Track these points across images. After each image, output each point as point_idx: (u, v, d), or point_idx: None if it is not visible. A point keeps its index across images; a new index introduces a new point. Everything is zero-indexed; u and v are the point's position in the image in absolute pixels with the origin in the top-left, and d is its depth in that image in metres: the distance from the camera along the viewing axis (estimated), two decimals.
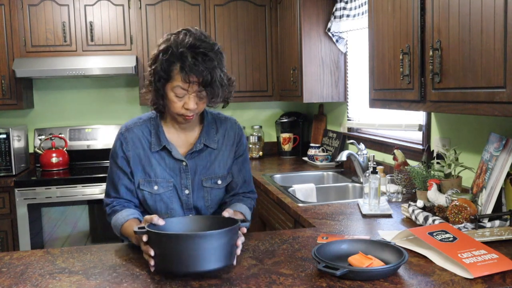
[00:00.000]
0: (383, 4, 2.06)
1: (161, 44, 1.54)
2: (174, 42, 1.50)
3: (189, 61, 1.46)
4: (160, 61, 1.51)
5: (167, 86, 1.53)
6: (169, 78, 1.51)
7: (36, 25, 3.54)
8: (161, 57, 1.50)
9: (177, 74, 1.49)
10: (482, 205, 1.66)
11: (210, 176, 1.70)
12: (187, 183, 1.68)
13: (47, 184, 3.33)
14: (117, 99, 4.06)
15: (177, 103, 1.54)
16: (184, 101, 1.54)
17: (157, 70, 1.52)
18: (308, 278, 1.31)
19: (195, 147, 1.67)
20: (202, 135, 1.68)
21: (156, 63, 1.53)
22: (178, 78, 1.50)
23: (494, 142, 1.69)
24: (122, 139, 1.68)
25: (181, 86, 1.50)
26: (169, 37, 1.53)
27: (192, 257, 1.29)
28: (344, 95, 3.39)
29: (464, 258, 1.34)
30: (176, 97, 1.53)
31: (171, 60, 1.49)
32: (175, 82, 1.50)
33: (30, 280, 1.34)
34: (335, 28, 3.24)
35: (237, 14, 3.82)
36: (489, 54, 1.40)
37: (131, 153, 1.66)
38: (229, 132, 1.74)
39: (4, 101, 3.52)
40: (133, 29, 3.67)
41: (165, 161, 1.67)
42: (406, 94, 1.89)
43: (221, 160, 1.72)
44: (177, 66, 1.48)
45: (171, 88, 1.52)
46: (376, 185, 2.10)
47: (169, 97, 1.54)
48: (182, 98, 1.53)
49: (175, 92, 1.52)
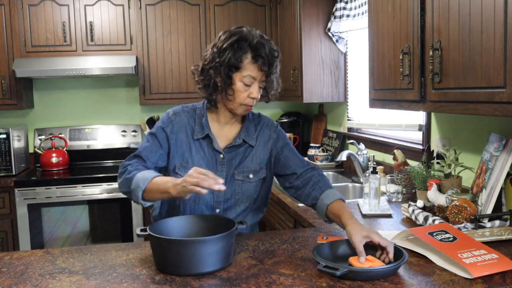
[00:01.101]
0: (383, 4, 2.06)
1: (229, 37, 1.60)
2: (246, 35, 1.59)
3: (266, 51, 1.58)
4: (232, 51, 1.57)
5: (236, 75, 1.59)
6: (239, 68, 1.58)
7: (36, 25, 3.54)
8: (235, 46, 1.57)
9: (249, 63, 1.58)
10: (482, 205, 1.66)
11: (242, 169, 1.72)
12: (222, 175, 1.69)
13: (47, 184, 3.33)
14: (117, 99, 4.06)
15: (244, 93, 1.61)
16: (249, 91, 1.62)
17: (227, 59, 1.57)
18: (308, 278, 1.31)
19: (234, 142, 1.71)
20: (242, 131, 1.73)
21: (225, 53, 1.58)
22: (249, 67, 1.58)
23: (494, 142, 1.69)
24: (169, 122, 1.71)
25: (252, 75, 1.59)
26: (236, 31, 1.61)
27: (192, 260, 1.33)
28: (344, 95, 3.39)
29: (464, 258, 1.34)
30: (244, 86, 1.60)
31: (245, 50, 1.58)
32: (245, 71, 1.59)
33: (30, 280, 1.34)
34: (335, 28, 3.24)
35: (237, 14, 3.82)
36: (489, 54, 1.40)
37: (175, 136, 1.69)
38: (264, 129, 1.78)
39: (4, 101, 3.52)
40: (133, 29, 3.67)
41: (204, 151, 1.70)
42: (406, 94, 1.89)
43: (255, 155, 1.74)
44: (249, 56, 1.58)
45: (241, 78, 1.59)
46: (376, 185, 2.10)
47: (237, 87, 1.60)
48: (249, 87, 1.61)
49: (244, 81, 1.60)
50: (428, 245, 1.46)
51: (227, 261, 1.40)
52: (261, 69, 1.59)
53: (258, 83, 1.62)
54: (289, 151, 1.78)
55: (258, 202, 1.79)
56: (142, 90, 3.74)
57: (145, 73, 3.72)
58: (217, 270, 1.36)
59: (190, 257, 1.32)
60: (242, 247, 1.59)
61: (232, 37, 1.59)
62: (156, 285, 1.29)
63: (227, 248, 1.38)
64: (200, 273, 1.34)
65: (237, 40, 1.58)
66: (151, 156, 1.68)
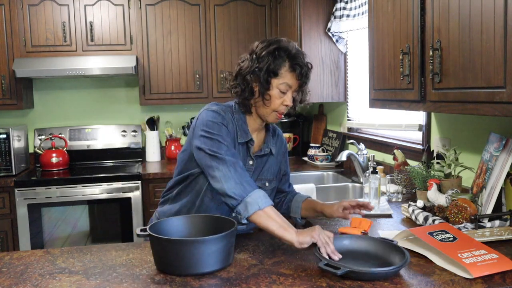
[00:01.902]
0: (383, 4, 2.06)
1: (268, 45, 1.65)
2: (286, 45, 1.65)
3: (303, 61, 1.64)
4: (272, 58, 1.63)
5: (274, 81, 1.64)
6: (277, 74, 1.63)
7: (36, 25, 3.54)
8: (275, 54, 1.63)
9: (286, 71, 1.63)
10: (482, 205, 1.66)
11: (261, 177, 1.77)
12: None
13: (47, 184, 3.33)
14: (117, 99, 4.06)
15: (278, 100, 1.65)
16: (283, 98, 1.66)
17: (266, 65, 1.62)
18: (308, 278, 1.31)
19: (263, 150, 1.76)
20: (268, 139, 1.79)
21: (264, 60, 1.63)
22: (286, 75, 1.64)
23: (494, 142, 1.69)
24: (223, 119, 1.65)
25: (288, 83, 1.64)
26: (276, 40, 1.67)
27: (192, 260, 1.33)
28: (344, 95, 3.39)
29: (464, 258, 1.34)
30: (280, 93, 1.65)
31: (283, 58, 1.63)
32: (282, 79, 1.64)
33: (30, 280, 1.34)
34: (335, 28, 3.24)
35: (237, 14, 3.82)
36: (489, 54, 1.40)
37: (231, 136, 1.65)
38: (279, 141, 1.86)
39: (4, 101, 3.52)
40: (133, 29, 3.67)
41: (241, 154, 1.70)
42: (406, 94, 1.89)
43: (271, 165, 1.80)
44: (287, 64, 1.63)
45: (277, 85, 1.64)
46: (376, 185, 2.10)
47: (273, 93, 1.65)
48: (284, 94, 1.66)
49: (280, 88, 1.64)
50: (428, 245, 1.46)
51: (227, 261, 1.40)
52: (298, 78, 1.65)
53: (292, 92, 1.67)
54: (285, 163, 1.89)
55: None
56: (142, 90, 3.74)
57: (145, 73, 3.72)
58: (217, 270, 1.36)
59: (190, 257, 1.32)
60: (242, 247, 1.59)
61: (271, 45, 1.65)
62: (156, 285, 1.29)
63: (227, 248, 1.38)
64: (200, 273, 1.34)
65: (277, 48, 1.64)
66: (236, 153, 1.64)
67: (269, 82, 1.63)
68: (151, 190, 3.45)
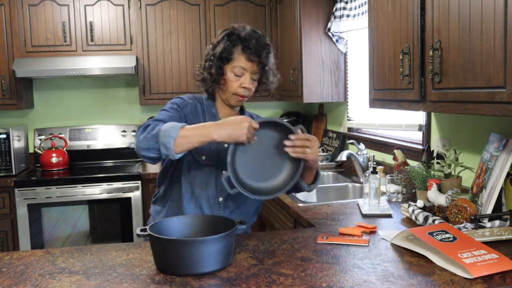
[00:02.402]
0: (383, 4, 2.06)
1: (222, 32, 1.74)
2: (237, 29, 1.71)
3: (253, 42, 1.68)
4: (224, 44, 1.70)
5: (227, 66, 1.70)
6: (230, 59, 1.69)
7: (36, 25, 3.54)
8: (225, 40, 1.70)
9: (239, 55, 1.69)
10: (482, 205, 1.66)
11: None
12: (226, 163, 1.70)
13: (47, 184, 3.33)
14: (117, 99, 4.06)
15: (235, 82, 1.71)
16: (241, 81, 1.71)
17: (219, 52, 1.69)
18: (308, 278, 1.31)
19: None
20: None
21: (218, 46, 1.71)
22: (239, 58, 1.69)
23: (494, 142, 1.69)
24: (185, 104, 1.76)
25: (242, 66, 1.69)
26: (230, 27, 1.74)
27: (192, 260, 1.33)
28: (344, 95, 3.39)
29: (464, 258, 1.34)
30: (235, 76, 1.70)
31: (235, 42, 1.69)
32: (236, 62, 1.69)
33: (30, 280, 1.34)
34: (335, 28, 3.23)
35: (237, 14, 3.82)
36: (489, 54, 1.40)
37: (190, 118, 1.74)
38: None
39: (4, 101, 3.52)
40: (133, 29, 3.67)
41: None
42: (406, 94, 1.89)
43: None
44: (239, 48, 1.68)
45: (231, 69, 1.70)
46: (376, 185, 2.10)
47: (228, 77, 1.71)
48: (240, 78, 1.71)
49: (235, 72, 1.70)
50: (428, 245, 1.46)
51: (227, 261, 1.40)
52: (249, 59, 1.68)
53: (250, 74, 1.71)
54: None
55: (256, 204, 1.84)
56: (142, 90, 3.74)
57: (145, 73, 3.72)
58: (217, 270, 1.36)
59: (190, 257, 1.32)
60: (242, 247, 1.59)
61: (224, 31, 1.73)
62: (156, 285, 1.29)
63: (227, 248, 1.38)
64: (200, 273, 1.34)
65: (228, 34, 1.71)
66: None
67: (222, 68, 1.70)
68: (151, 190, 3.46)
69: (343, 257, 1.48)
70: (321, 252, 1.52)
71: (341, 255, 1.50)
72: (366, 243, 1.61)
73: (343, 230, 1.74)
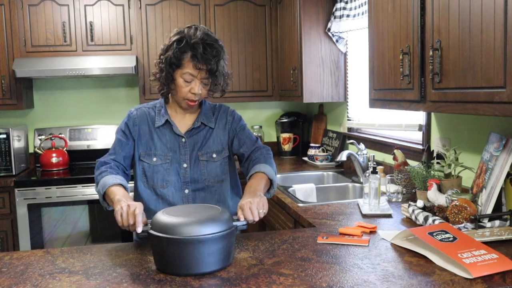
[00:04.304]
0: (383, 4, 2.06)
1: (174, 35, 1.75)
2: (187, 34, 1.71)
3: (200, 50, 1.68)
4: (173, 50, 1.71)
5: (177, 72, 1.73)
6: (179, 65, 1.72)
7: (36, 25, 3.54)
8: (175, 46, 1.71)
9: (188, 62, 1.70)
10: (482, 205, 1.66)
11: (206, 151, 1.86)
12: (185, 158, 1.84)
13: (47, 184, 3.33)
14: (117, 99, 4.06)
15: (185, 88, 1.74)
16: (190, 87, 1.74)
17: (169, 57, 1.72)
18: (308, 278, 1.31)
19: (193, 125, 1.86)
20: (200, 115, 1.88)
21: (168, 51, 1.73)
22: (188, 65, 1.71)
23: (494, 142, 1.69)
24: (131, 116, 1.87)
25: (190, 73, 1.71)
26: (182, 30, 1.74)
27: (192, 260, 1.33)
28: (344, 95, 3.39)
29: (464, 258, 1.34)
30: (184, 82, 1.74)
31: (184, 49, 1.70)
32: (185, 69, 1.71)
33: (30, 280, 1.34)
34: (335, 28, 3.24)
35: (237, 14, 3.82)
36: (489, 54, 1.40)
37: (137, 128, 1.85)
38: (221, 115, 1.92)
39: (4, 101, 3.52)
40: (133, 29, 3.67)
41: (166, 137, 1.85)
42: (406, 94, 1.89)
43: (216, 137, 1.88)
44: (188, 55, 1.70)
45: (181, 75, 1.73)
46: (376, 185, 2.10)
47: (177, 83, 1.74)
48: (189, 83, 1.74)
49: (184, 78, 1.73)
50: (428, 245, 1.46)
51: (227, 261, 1.40)
52: (197, 67, 1.70)
53: (199, 80, 1.74)
54: (242, 131, 1.92)
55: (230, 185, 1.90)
56: (142, 90, 3.74)
57: (145, 73, 3.72)
58: (217, 270, 1.36)
59: (190, 257, 1.32)
60: (242, 247, 1.59)
61: (175, 36, 1.74)
62: (156, 285, 1.29)
63: (227, 248, 1.38)
64: (200, 273, 1.34)
65: (178, 40, 1.71)
66: (120, 151, 1.84)
67: (171, 73, 1.73)
68: None
69: (343, 257, 1.48)
70: (321, 252, 1.52)
71: (341, 255, 1.50)
72: (366, 243, 1.61)
73: (343, 230, 1.74)
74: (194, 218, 1.37)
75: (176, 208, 1.49)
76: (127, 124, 1.86)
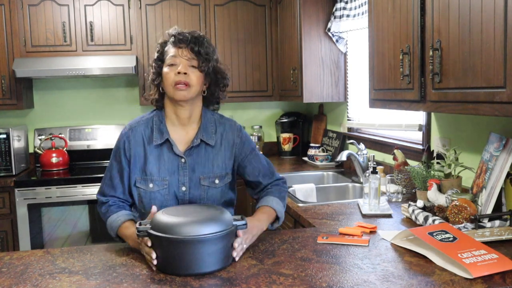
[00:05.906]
0: (383, 4, 2.06)
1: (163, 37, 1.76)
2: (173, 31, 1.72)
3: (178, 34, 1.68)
4: (158, 49, 1.73)
5: (164, 65, 1.69)
6: (163, 58, 1.70)
7: (36, 25, 3.54)
8: (159, 47, 1.73)
9: (169, 48, 1.68)
10: (482, 205, 1.66)
11: (208, 175, 1.73)
12: (184, 180, 1.71)
13: (47, 184, 3.33)
14: (117, 99, 4.06)
15: (170, 73, 1.65)
16: (176, 69, 1.65)
17: (156, 57, 1.73)
18: (308, 278, 1.31)
19: (192, 143, 1.71)
20: (199, 131, 1.73)
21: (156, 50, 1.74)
22: (170, 51, 1.68)
23: (494, 142, 1.69)
24: (125, 138, 1.74)
25: (172, 55, 1.66)
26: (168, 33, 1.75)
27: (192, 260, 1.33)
28: (344, 95, 3.39)
29: (464, 258, 1.34)
30: (169, 67, 1.66)
31: (165, 43, 1.71)
32: (168, 55, 1.68)
33: (30, 280, 1.34)
34: (335, 28, 3.23)
35: (237, 14, 3.82)
36: (489, 54, 1.40)
37: (133, 152, 1.72)
38: (227, 133, 1.77)
39: (4, 101, 3.52)
40: (133, 29, 3.67)
41: (164, 158, 1.71)
42: (406, 94, 1.89)
43: (220, 159, 1.75)
44: (169, 44, 1.70)
45: (166, 64, 1.68)
46: (376, 185, 2.10)
47: (164, 71, 1.67)
48: (174, 67, 1.65)
49: (168, 63, 1.67)
50: (428, 245, 1.46)
51: (227, 261, 1.40)
52: (178, 46, 1.66)
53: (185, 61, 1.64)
54: (253, 159, 1.80)
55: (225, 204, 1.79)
56: (142, 90, 3.74)
57: (145, 73, 3.71)
58: (217, 270, 1.36)
59: (190, 257, 1.32)
60: None
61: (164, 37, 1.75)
62: (156, 285, 1.29)
63: (227, 248, 1.38)
64: (200, 273, 1.34)
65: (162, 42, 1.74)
66: (117, 185, 1.74)
67: (160, 69, 1.70)
68: None
69: (343, 257, 1.48)
70: (321, 252, 1.52)
71: (341, 255, 1.50)
72: (366, 243, 1.61)
73: (343, 230, 1.74)
74: (194, 218, 1.38)
75: (176, 208, 1.50)
76: (120, 149, 1.74)
